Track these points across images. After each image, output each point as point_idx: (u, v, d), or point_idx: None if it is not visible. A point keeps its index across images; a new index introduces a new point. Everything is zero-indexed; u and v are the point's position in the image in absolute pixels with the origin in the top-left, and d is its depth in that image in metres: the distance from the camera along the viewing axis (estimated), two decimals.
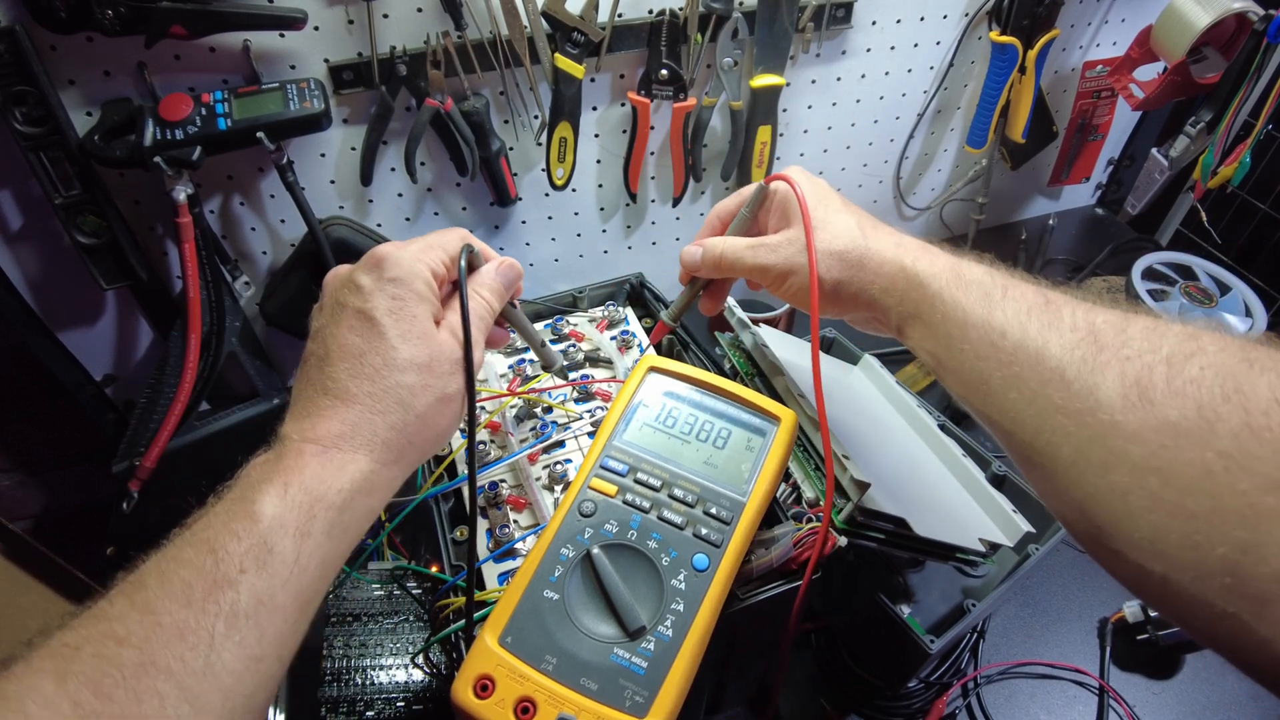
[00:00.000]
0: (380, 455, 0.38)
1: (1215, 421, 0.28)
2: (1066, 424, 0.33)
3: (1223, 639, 0.28)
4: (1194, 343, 0.31)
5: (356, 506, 0.37)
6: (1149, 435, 0.30)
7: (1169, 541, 0.29)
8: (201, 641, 0.30)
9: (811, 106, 0.94)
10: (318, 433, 0.36)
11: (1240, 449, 0.27)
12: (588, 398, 0.59)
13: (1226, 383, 0.29)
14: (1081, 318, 0.35)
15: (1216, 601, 0.27)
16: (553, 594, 0.40)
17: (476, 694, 0.37)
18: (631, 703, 0.37)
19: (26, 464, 0.93)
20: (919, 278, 0.41)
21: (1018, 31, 0.88)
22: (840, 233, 0.44)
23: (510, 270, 0.46)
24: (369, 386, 0.37)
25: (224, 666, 0.30)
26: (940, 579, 0.65)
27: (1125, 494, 0.30)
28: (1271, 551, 0.26)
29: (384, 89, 0.73)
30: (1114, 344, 0.33)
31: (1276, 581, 0.26)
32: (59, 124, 0.64)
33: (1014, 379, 0.36)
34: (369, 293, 0.39)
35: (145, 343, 0.84)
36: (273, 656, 0.33)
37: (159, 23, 0.61)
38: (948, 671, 0.66)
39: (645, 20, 0.78)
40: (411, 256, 0.40)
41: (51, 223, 0.71)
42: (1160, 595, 0.30)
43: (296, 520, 0.34)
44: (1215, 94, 0.85)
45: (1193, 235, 1.12)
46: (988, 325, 0.37)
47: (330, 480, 0.36)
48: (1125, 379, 0.32)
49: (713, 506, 0.43)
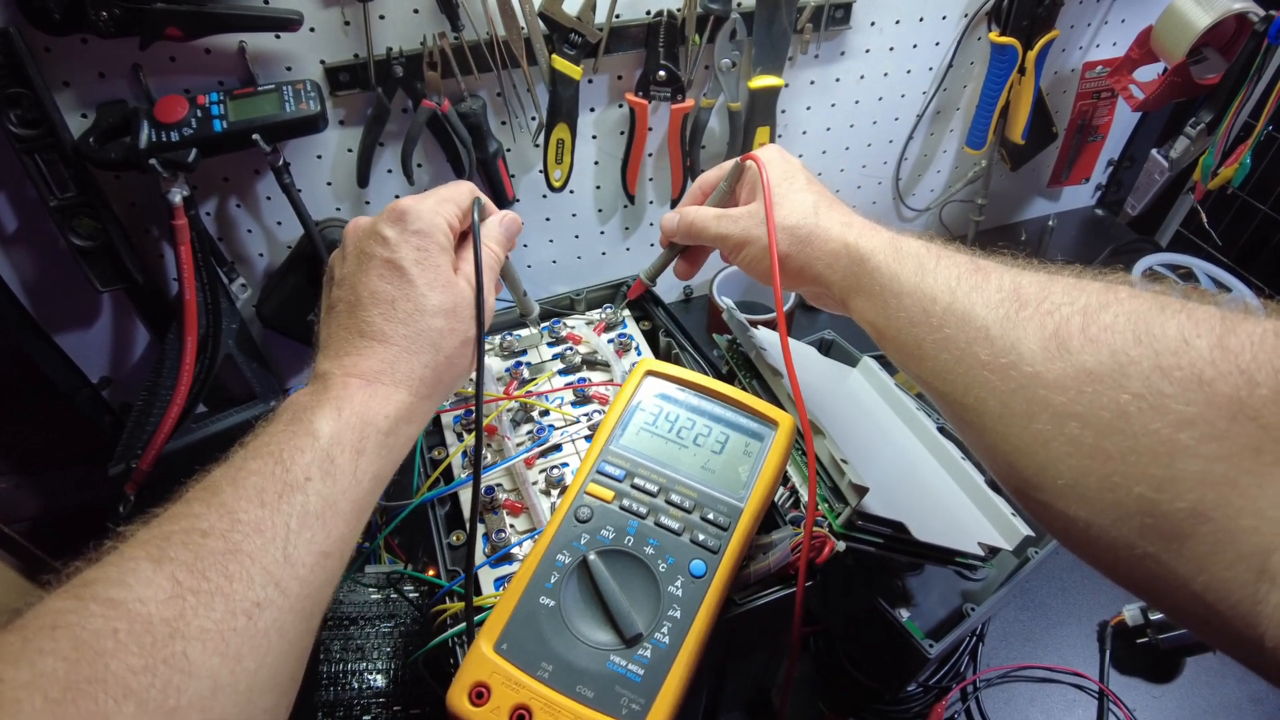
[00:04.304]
0: (417, 390, 0.41)
1: (1128, 364, 0.29)
2: (992, 379, 0.34)
3: (1144, 580, 0.29)
4: (1110, 294, 0.32)
5: (400, 432, 0.40)
6: (1068, 383, 0.31)
7: (1089, 485, 0.30)
8: (278, 535, 0.33)
9: (810, 108, 0.94)
10: (360, 369, 0.40)
11: (1151, 389, 0.28)
12: (585, 401, 0.59)
13: (1138, 327, 0.30)
14: (1008, 280, 0.36)
15: (1136, 541, 0.28)
16: (549, 600, 0.40)
17: (472, 701, 0.37)
18: (628, 710, 0.37)
19: (23, 466, 0.92)
20: (860, 252, 0.43)
21: (1017, 32, 0.88)
22: (794, 209, 0.47)
23: (513, 224, 0.50)
24: (403, 330, 0.41)
25: (299, 558, 0.34)
26: (939, 583, 0.65)
27: (1047, 441, 0.31)
28: (1185, 487, 0.27)
29: (380, 90, 0.73)
30: (1035, 300, 0.34)
31: (1191, 516, 0.27)
32: (53, 126, 0.64)
33: (945, 341, 0.37)
34: (396, 243, 0.42)
35: (141, 345, 0.84)
36: (337, 554, 0.36)
37: (154, 24, 0.61)
38: (947, 675, 0.66)
39: (643, 21, 0.78)
40: (431, 210, 0.43)
41: (46, 225, 0.71)
42: (1084, 541, 0.31)
43: (352, 438, 0.37)
44: (1215, 95, 0.85)
45: (1193, 236, 1.12)
46: (920, 292, 0.39)
47: (377, 408, 0.39)
48: (1045, 331, 0.33)
49: (710, 512, 0.43)
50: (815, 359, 0.76)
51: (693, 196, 0.57)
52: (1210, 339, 0.28)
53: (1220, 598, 0.26)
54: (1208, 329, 0.28)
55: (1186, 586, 0.27)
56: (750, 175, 0.52)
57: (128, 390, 0.85)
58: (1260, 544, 0.25)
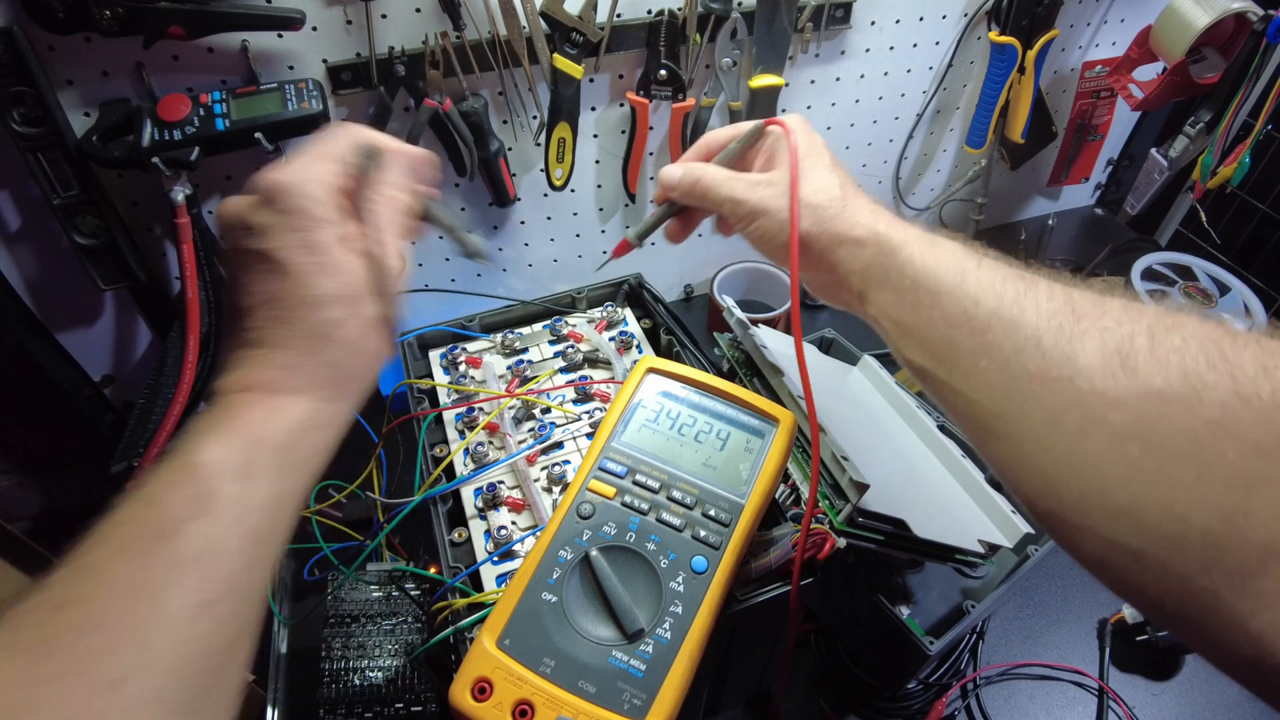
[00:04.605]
0: (319, 393, 0.36)
1: (1202, 389, 0.28)
2: (1040, 391, 0.32)
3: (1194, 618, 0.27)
4: (1174, 317, 0.31)
5: (304, 444, 0.36)
6: (1132, 402, 0.29)
7: (1146, 510, 0.28)
8: (146, 593, 0.29)
9: (810, 107, 0.94)
10: (251, 381, 0.35)
11: (1229, 416, 0.27)
12: (586, 399, 0.59)
13: (1211, 351, 0.28)
14: (1059, 291, 0.34)
15: (1195, 575, 0.27)
16: (551, 596, 0.40)
17: (474, 697, 0.37)
18: (630, 705, 0.37)
19: (25, 465, 0.93)
20: (891, 242, 0.40)
21: (1017, 32, 0.88)
22: (822, 187, 0.43)
23: (420, 160, 0.42)
24: (292, 330, 0.36)
25: (173, 614, 0.30)
26: (939, 580, 0.65)
27: (1100, 462, 0.30)
28: (1259, 520, 0.25)
29: (382, 89, 0.73)
30: (1092, 314, 0.32)
31: (1262, 552, 0.25)
32: (57, 125, 0.64)
33: (986, 347, 0.35)
34: (268, 232, 0.36)
35: (144, 344, 0.84)
36: (226, 599, 0.32)
37: (157, 23, 0.61)
38: (947, 673, 0.66)
39: (644, 20, 0.78)
40: (304, 178, 0.37)
41: (49, 224, 0.71)
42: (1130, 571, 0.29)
43: (239, 463, 0.33)
44: (1215, 94, 0.85)
45: (1192, 235, 1.12)
46: (961, 292, 0.36)
47: (271, 423, 0.35)
48: (1106, 347, 0.31)
49: (711, 508, 0.43)
50: (816, 357, 0.76)
51: (697, 152, 0.50)
52: None
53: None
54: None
55: (1245, 627, 0.25)
56: (770, 141, 0.47)
57: (130, 389, 0.85)
58: None
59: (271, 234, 0.36)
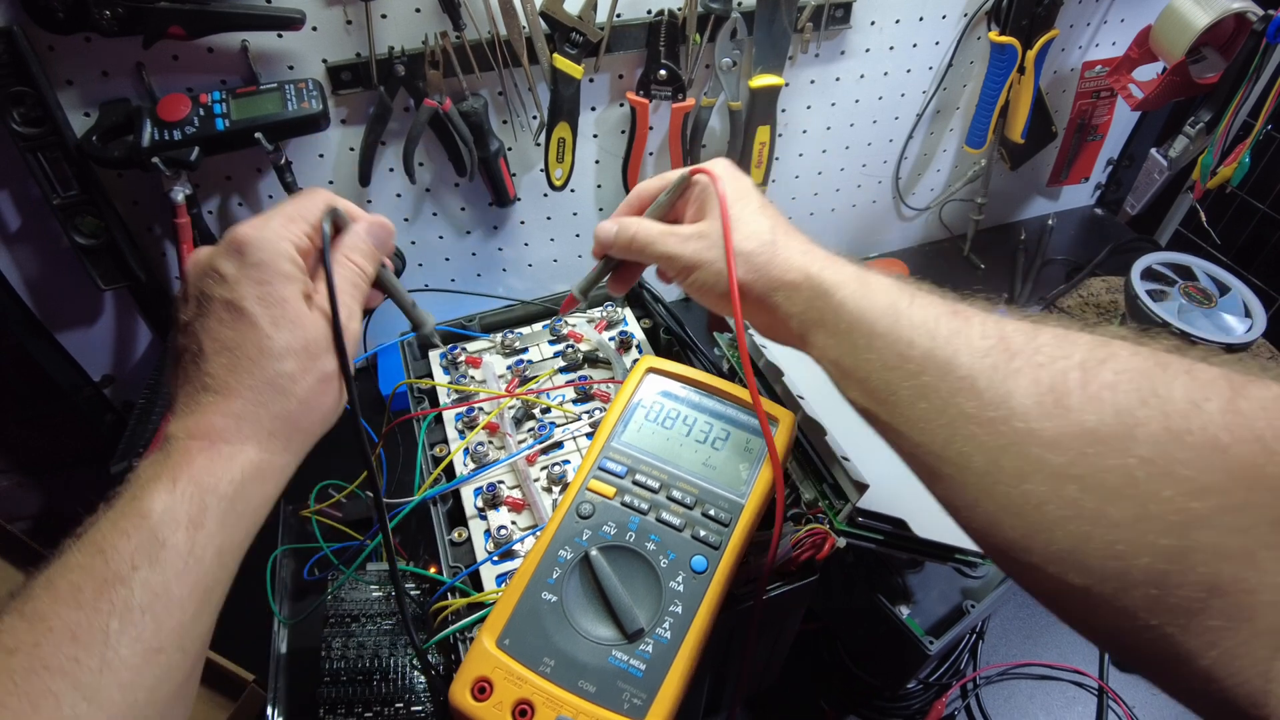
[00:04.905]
0: (267, 444, 0.37)
1: (1135, 426, 0.28)
2: (979, 433, 0.32)
3: (1146, 654, 0.27)
4: (1106, 349, 0.31)
5: (250, 495, 0.36)
6: (1067, 442, 0.29)
7: (1089, 551, 0.28)
8: (95, 640, 0.30)
9: (810, 107, 0.94)
10: (202, 428, 0.36)
11: (1163, 454, 0.27)
12: (586, 399, 0.59)
13: (1143, 386, 0.28)
14: (991, 326, 0.34)
15: (1140, 614, 0.27)
16: (551, 596, 0.40)
17: (474, 696, 0.37)
18: (630, 705, 0.37)
19: (25, 465, 0.93)
20: (824, 285, 0.40)
21: (1017, 32, 0.88)
22: (752, 234, 0.43)
23: (380, 229, 0.43)
24: (248, 379, 0.36)
25: (121, 662, 0.30)
26: (939, 580, 0.65)
27: (1041, 504, 0.29)
28: (1199, 559, 0.25)
29: (382, 89, 0.73)
30: (1025, 351, 0.32)
31: (1203, 590, 0.25)
32: (57, 124, 0.64)
33: (923, 389, 0.34)
34: (234, 281, 0.37)
35: (144, 344, 0.84)
36: (173, 647, 0.32)
37: (157, 23, 0.61)
38: (947, 672, 0.66)
39: (644, 20, 0.78)
40: (274, 235, 0.38)
41: (49, 224, 0.71)
42: (1081, 610, 0.29)
43: (188, 512, 0.34)
44: (1214, 94, 0.85)
45: (1192, 235, 1.12)
46: (895, 334, 0.36)
47: (220, 472, 0.35)
48: (1040, 385, 0.31)
49: (711, 508, 0.43)
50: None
51: (630, 206, 0.50)
52: (1220, 402, 0.27)
53: (1228, 674, 0.25)
54: (1215, 391, 0.27)
55: (1193, 663, 0.25)
56: (698, 190, 0.46)
57: (130, 389, 0.85)
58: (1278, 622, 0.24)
59: (237, 284, 0.37)
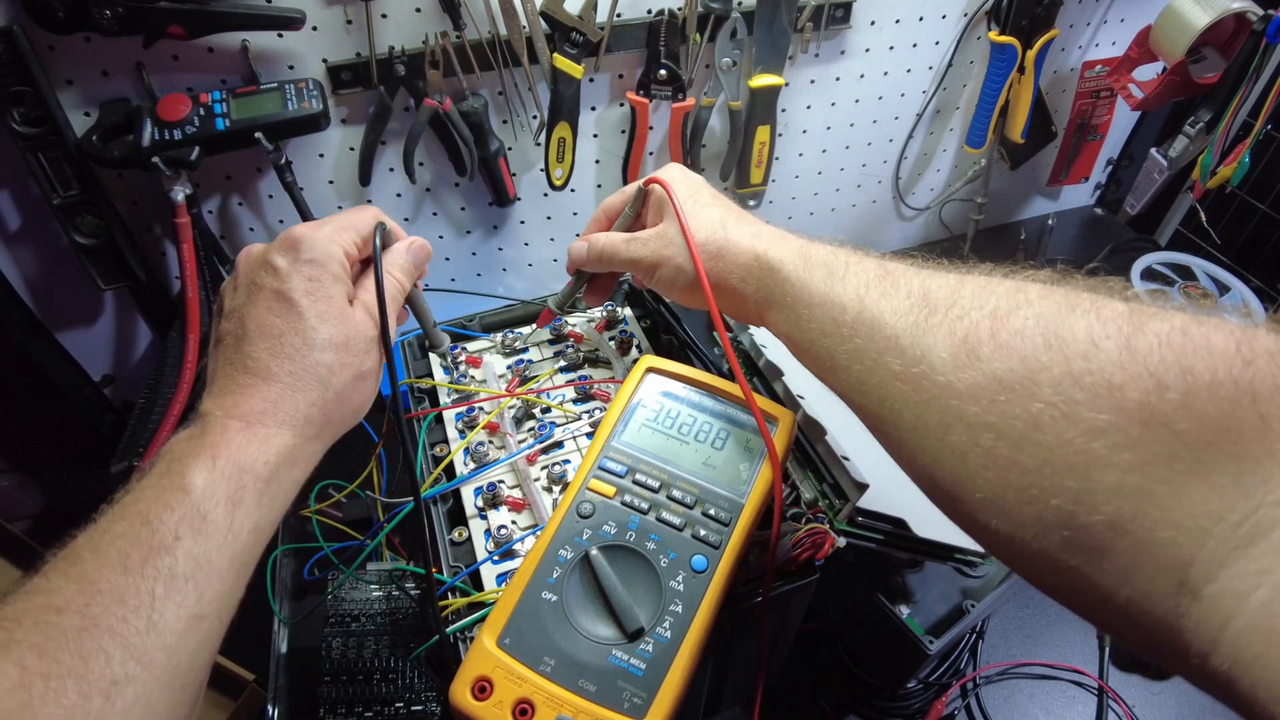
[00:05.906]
0: (302, 430, 0.39)
1: (1038, 371, 0.28)
2: (905, 390, 0.33)
3: (1071, 593, 0.28)
4: (1020, 295, 0.31)
5: (282, 477, 0.38)
6: (980, 392, 0.30)
7: (1007, 498, 0.29)
8: (143, 604, 0.31)
9: (810, 107, 0.94)
10: (241, 409, 0.37)
11: (1064, 397, 0.27)
12: (586, 398, 0.59)
13: (1048, 330, 0.29)
14: (917, 285, 0.35)
15: (1059, 555, 0.27)
16: (551, 595, 0.40)
17: (475, 695, 0.37)
18: (630, 704, 0.37)
19: (25, 465, 0.93)
20: (770, 263, 0.42)
21: (1017, 31, 0.88)
22: (702, 225, 0.46)
23: (420, 250, 0.47)
24: (289, 365, 0.39)
25: (166, 625, 0.32)
26: (939, 580, 0.65)
27: (964, 454, 0.30)
28: (1101, 499, 0.26)
29: (382, 89, 0.73)
30: (944, 305, 0.33)
31: (1109, 530, 0.26)
32: (57, 124, 0.64)
33: (856, 352, 0.36)
34: (286, 274, 0.40)
35: (144, 343, 0.84)
36: (213, 615, 0.34)
37: (157, 23, 0.61)
38: (947, 672, 0.66)
39: (644, 20, 0.78)
40: (326, 238, 0.41)
41: (49, 223, 0.71)
42: (1009, 554, 0.30)
43: (227, 490, 0.35)
44: (1214, 94, 0.85)
45: (1192, 235, 1.12)
46: (829, 302, 0.38)
47: (256, 453, 0.37)
48: (954, 338, 0.31)
49: (711, 508, 0.43)
50: None
51: (597, 223, 0.55)
52: (1118, 340, 0.27)
53: (1143, 611, 0.25)
54: (1115, 329, 0.27)
55: (1111, 600, 0.26)
56: (655, 198, 0.51)
57: (130, 388, 0.85)
58: (1178, 556, 0.24)
59: (289, 277, 0.40)
